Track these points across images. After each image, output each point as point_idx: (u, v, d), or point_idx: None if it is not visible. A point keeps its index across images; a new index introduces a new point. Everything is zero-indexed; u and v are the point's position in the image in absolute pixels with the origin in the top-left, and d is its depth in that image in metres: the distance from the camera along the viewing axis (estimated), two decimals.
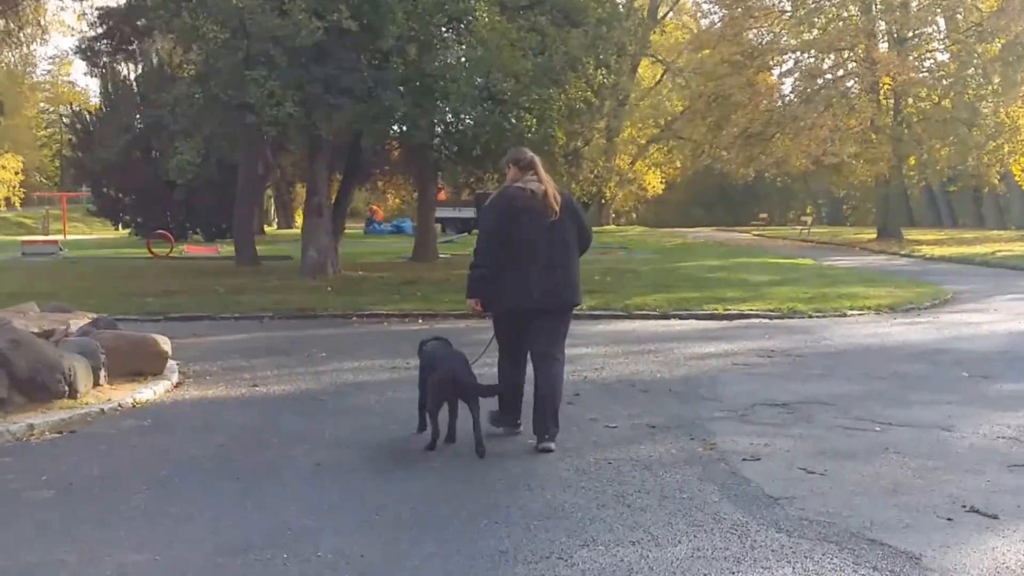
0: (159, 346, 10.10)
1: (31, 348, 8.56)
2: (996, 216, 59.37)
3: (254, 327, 15.22)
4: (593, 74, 19.91)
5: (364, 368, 10.95)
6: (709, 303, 16.84)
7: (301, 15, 16.28)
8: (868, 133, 38.28)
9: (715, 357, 11.55)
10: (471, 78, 16.83)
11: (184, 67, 20.54)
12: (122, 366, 9.83)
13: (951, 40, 39.91)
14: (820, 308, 16.31)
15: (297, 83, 17.11)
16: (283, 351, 12.37)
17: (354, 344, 13.00)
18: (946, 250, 32.97)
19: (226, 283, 20.42)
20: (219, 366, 11.18)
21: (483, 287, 7.45)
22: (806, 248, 38.34)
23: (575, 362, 11.00)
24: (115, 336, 10.14)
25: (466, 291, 7.63)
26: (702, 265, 26.19)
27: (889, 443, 7.22)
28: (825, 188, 78.69)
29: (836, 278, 21.53)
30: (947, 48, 40.17)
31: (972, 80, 39.84)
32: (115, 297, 18.12)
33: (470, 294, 7.56)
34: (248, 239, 26.48)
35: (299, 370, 10.90)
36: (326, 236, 20.80)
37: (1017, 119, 38.72)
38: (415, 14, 17.14)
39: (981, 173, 40.90)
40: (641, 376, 10.27)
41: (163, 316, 16.20)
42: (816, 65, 41.03)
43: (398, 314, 16.22)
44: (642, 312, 16.25)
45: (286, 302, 17.25)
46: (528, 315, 7.45)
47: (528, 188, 7.40)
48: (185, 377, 10.39)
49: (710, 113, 42.64)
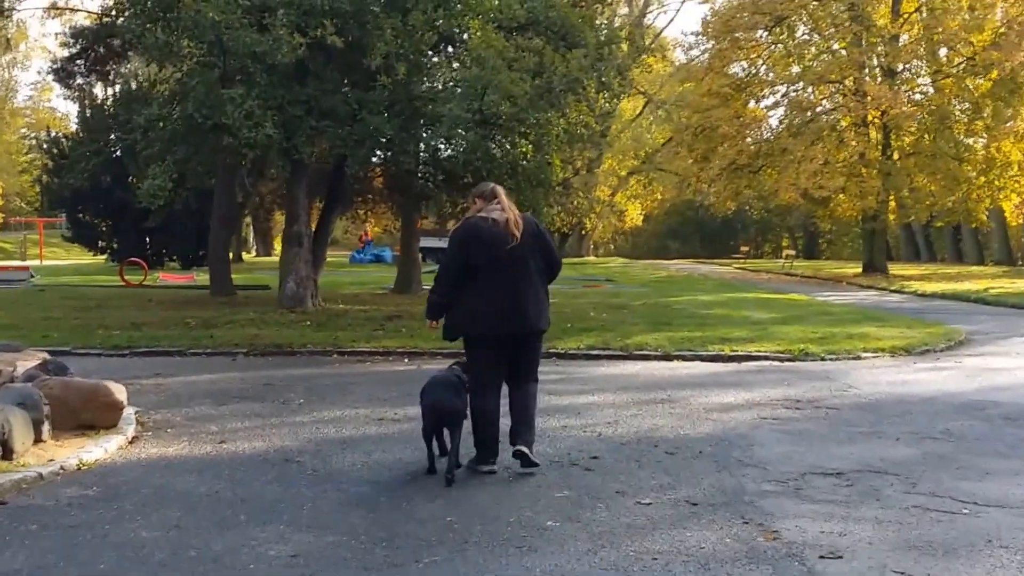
0: (113, 396, 8.68)
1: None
2: (975, 251, 58.52)
3: (226, 365, 13.84)
4: (595, 97, 18.64)
5: (347, 419, 9.57)
6: (713, 343, 15.57)
7: (282, 30, 14.95)
8: (857, 167, 37.12)
9: (738, 409, 10.22)
10: (464, 100, 15.46)
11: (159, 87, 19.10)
12: (70, 418, 8.45)
13: (943, 74, 38.84)
14: (832, 350, 15.05)
15: (277, 104, 15.77)
16: (256, 396, 10.98)
17: (335, 388, 11.61)
18: (936, 286, 31.82)
19: (198, 315, 19.00)
20: (183, 415, 9.79)
21: (440, 312, 7.67)
22: (792, 283, 37.13)
23: (584, 415, 9.79)
24: (63, 384, 8.71)
25: (425, 312, 7.94)
26: (696, 300, 24.91)
27: (989, 532, 5.87)
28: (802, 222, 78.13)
29: (840, 316, 20.27)
30: (938, 83, 39.06)
31: (963, 115, 38.89)
32: (79, 329, 16.79)
33: (428, 315, 7.89)
34: (223, 268, 25.01)
35: (273, 421, 9.51)
36: (305, 266, 19.38)
37: (1009, 154, 37.69)
38: (404, 31, 15.83)
39: (970, 208, 39.86)
40: (662, 433, 8.93)
41: (129, 351, 14.86)
42: (805, 97, 39.95)
43: (381, 352, 14.91)
44: (643, 352, 14.96)
45: (261, 337, 15.87)
46: (495, 342, 7.45)
47: (490, 217, 7.44)
48: (143, 430, 8.98)
49: (696, 145, 41.43)
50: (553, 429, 9.04)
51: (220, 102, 15.36)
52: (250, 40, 15.01)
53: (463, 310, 7.46)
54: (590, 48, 17.18)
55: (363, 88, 17.14)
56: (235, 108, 15.10)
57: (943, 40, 38.28)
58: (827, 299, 27.06)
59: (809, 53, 41.08)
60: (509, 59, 15.56)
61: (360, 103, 16.75)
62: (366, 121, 16.38)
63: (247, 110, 15.08)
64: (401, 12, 16.15)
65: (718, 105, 40.06)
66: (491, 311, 7.34)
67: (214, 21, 14.89)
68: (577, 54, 16.67)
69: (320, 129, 16.51)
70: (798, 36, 41.39)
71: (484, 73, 15.20)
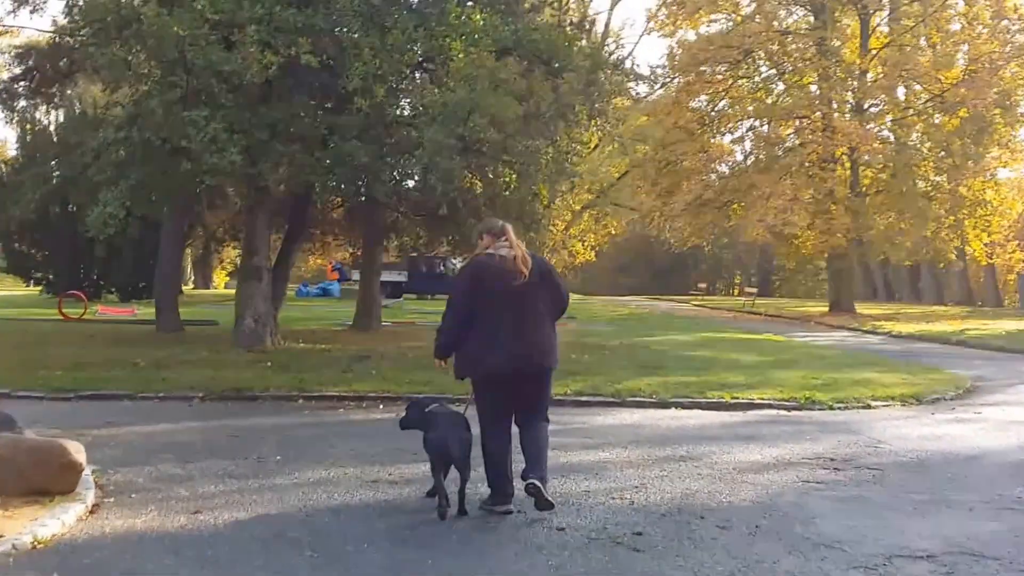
0: (70, 456, 7.53)
1: None
2: (934, 291, 58.47)
3: (183, 412, 12.74)
4: (587, 124, 17.73)
5: (336, 482, 8.49)
6: (711, 389, 14.72)
7: (252, 48, 13.87)
8: (826, 203, 36.58)
9: (771, 469, 9.29)
10: (447, 124, 14.43)
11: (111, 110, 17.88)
12: (19, 482, 7.32)
13: (912, 111, 38.53)
14: (839, 398, 14.25)
15: (243, 127, 14.67)
16: (225, 451, 9.87)
17: (312, 442, 10.53)
18: (908, 327, 31.23)
19: (147, 354, 17.74)
20: (146, 475, 8.66)
21: (449, 351, 7.61)
22: (758, 322, 36.37)
23: (603, 476, 8.86)
24: (12, 442, 7.54)
25: (434, 351, 7.78)
26: (673, 341, 24.03)
27: None
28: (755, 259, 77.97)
29: (833, 360, 19.46)
30: (907, 119, 38.74)
31: (932, 153, 38.62)
32: (16, 369, 15.49)
33: (435, 354, 7.78)
34: (171, 302, 23.71)
35: (251, 484, 8.39)
36: (264, 302, 18.20)
37: (979, 193, 37.39)
38: (383, 50, 14.81)
39: (938, 247, 39.51)
40: (701, 500, 7.97)
41: (73, 394, 13.73)
42: (774, 132, 39.46)
43: (353, 396, 13.90)
44: (637, 399, 14.09)
45: (219, 380, 14.73)
46: (503, 381, 7.40)
47: (497, 254, 7.49)
48: (103, 494, 7.84)
49: (660, 180, 40.74)
50: (576, 495, 8.06)
51: (180, 124, 14.23)
52: (216, 58, 13.91)
53: (472, 348, 7.40)
54: (581, 72, 16.29)
55: (335, 111, 16.12)
56: (198, 131, 13.97)
57: (912, 77, 37.94)
58: (805, 340, 26.35)
59: (777, 88, 40.67)
60: (498, 80, 14.59)
61: (331, 128, 15.72)
62: (338, 147, 15.34)
63: (211, 133, 13.95)
64: (379, 30, 15.17)
65: (684, 139, 39.49)
66: (500, 349, 7.29)
67: (179, 36, 13.77)
68: (569, 79, 15.79)
69: (288, 155, 15.44)
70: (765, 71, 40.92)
71: (472, 95, 14.21)
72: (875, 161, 37.70)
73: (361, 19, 15.72)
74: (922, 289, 60.34)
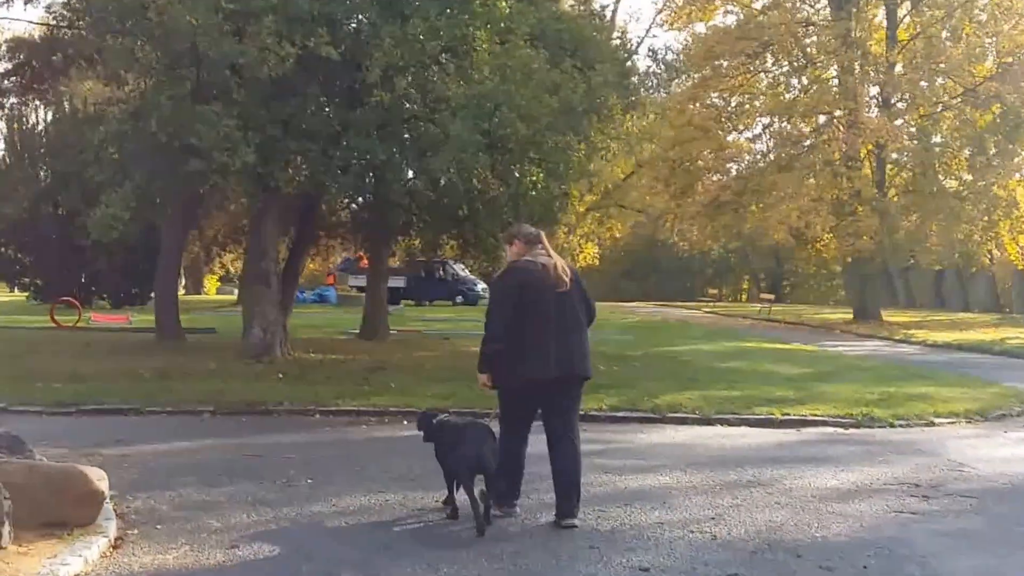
0: (92, 484, 6.99)
1: None
2: (958, 297, 57.75)
3: (195, 428, 12.24)
4: (621, 118, 17.13)
5: (379, 510, 8.01)
6: (757, 404, 14.16)
7: (269, 39, 13.29)
8: (852, 204, 35.87)
9: (855, 497, 8.76)
10: (471, 119, 13.85)
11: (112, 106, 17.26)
12: (35, 514, 6.76)
13: (943, 106, 37.84)
14: (899, 414, 13.70)
15: (256, 123, 14.11)
16: (250, 472, 9.34)
17: (340, 462, 10.01)
18: (943, 336, 30.68)
19: (150, 364, 17.20)
20: (169, 501, 8.14)
21: (496, 362, 7.60)
22: (780, 330, 35.77)
23: (671, 504, 8.40)
24: (26, 468, 6.98)
25: (479, 365, 7.74)
26: (699, 350, 23.50)
27: None
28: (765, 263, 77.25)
29: (880, 372, 18.87)
30: (938, 115, 38.04)
31: (963, 150, 37.95)
32: (14, 381, 14.89)
33: (483, 368, 7.70)
34: (172, 309, 23.11)
35: (286, 512, 7.85)
36: (274, 309, 17.61)
37: (1014, 192, 36.68)
38: (404, 41, 14.24)
39: (971, 251, 38.86)
40: (789, 534, 7.43)
41: (75, 408, 13.16)
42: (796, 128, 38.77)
43: (372, 411, 13.35)
44: (678, 415, 13.56)
45: (228, 392, 14.23)
46: (542, 388, 7.60)
47: (538, 261, 7.62)
48: (126, 525, 7.32)
49: (674, 180, 40.06)
50: (648, 527, 7.57)
51: (190, 120, 13.64)
52: (230, 49, 13.33)
53: (515, 355, 7.50)
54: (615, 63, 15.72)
55: (348, 106, 15.55)
56: (210, 128, 13.39)
57: (943, 71, 37.21)
58: (838, 350, 25.79)
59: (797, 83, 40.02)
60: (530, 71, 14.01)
61: (345, 124, 15.15)
62: (353, 144, 14.77)
63: (224, 130, 13.37)
64: (400, 19, 14.60)
65: (698, 137, 38.87)
66: (545, 356, 7.46)
67: (191, 25, 13.19)
68: (603, 69, 15.23)
69: (300, 153, 14.88)
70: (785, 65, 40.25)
71: (504, 87, 13.63)
72: (904, 159, 36.94)
73: (379, 7, 15.17)
74: (944, 295, 59.67)
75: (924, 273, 57.56)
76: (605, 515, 7.88)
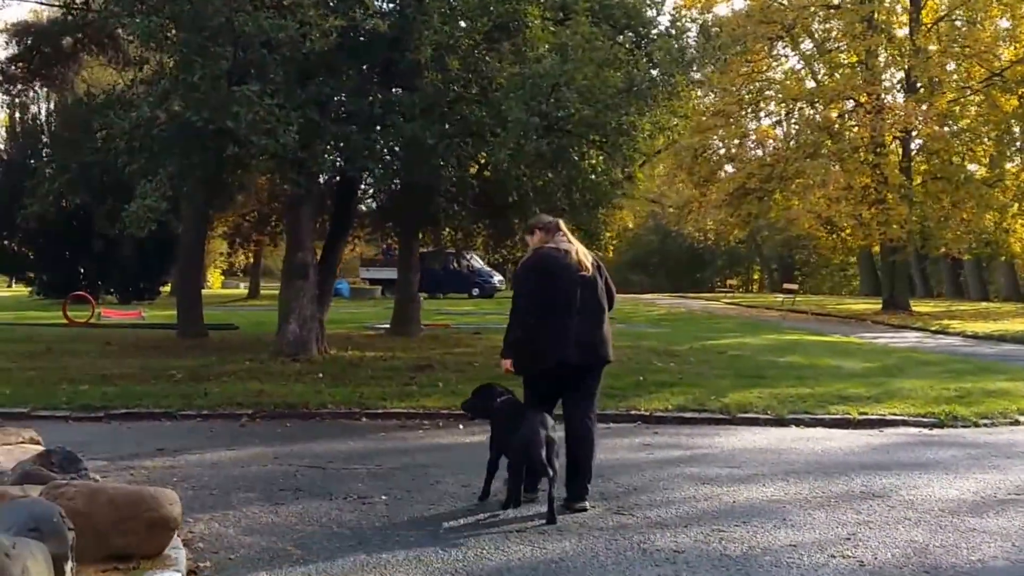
0: (162, 509, 6.10)
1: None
2: (978, 286, 56.86)
3: (236, 433, 11.36)
4: (685, 95, 16.25)
5: (475, 531, 7.14)
6: (830, 403, 13.41)
7: (312, 12, 12.40)
8: (881, 191, 35.01)
9: (989, 511, 7.89)
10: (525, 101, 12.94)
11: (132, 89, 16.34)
12: (98, 544, 5.90)
13: (971, 90, 36.95)
14: (981, 412, 12.95)
15: (296, 105, 13.23)
16: (315, 487, 8.49)
17: (410, 473, 9.16)
18: (979, 326, 29.97)
19: (179, 364, 16.40)
20: (235, 523, 7.30)
21: (522, 348, 7.76)
22: (811, 321, 34.96)
23: (792, 523, 7.53)
24: (89, 493, 6.05)
25: (503, 350, 7.92)
26: (745, 344, 22.66)
27: None
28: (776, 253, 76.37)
29: (947, 367, 18.09)
30: (965, 99, 37.17)
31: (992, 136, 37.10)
32: (35, 383, 14.17)
33: (507, 353, 7.86)
34: (195, 305, 22.22)
35: (374, 538, 6.97)
36: (311, 304, 16.73)
37: None
38: (451, 18, 13.34)
39: (999, 239, 38.02)
40: (942, 558, 6.56)
41: (104, 412, 12.30)
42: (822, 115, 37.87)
43: (423, 414, 12.51)
44: (748, 415, 12.80)
45: (267, 394, 13.40)
46: (565, 372, 7.76)
47: (561, 248, 7.81)
48: (194, 555, 6.45)
49: (697, 168, 39.19)
50: (780, 549, 6.75)
51: (226, 102, 12.74)
52: (269, 24, 12.42)
53: (541, 341, 7.67)
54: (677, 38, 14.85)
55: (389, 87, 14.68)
56: (248, 110, 12.49)
57: (970, 55, 36.32)
58: (882, 342, 24.98)
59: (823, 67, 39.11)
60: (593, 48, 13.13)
61: (387, 106, 14.26)
62: (399, 127, 13.88)
63: (266, 110, 12.48)
64: None
65: (722, 124, 38.06)
66: (571, 342, 7.64)
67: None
68: (665, 44, 14.36)
69: (341, 136, 13.99)
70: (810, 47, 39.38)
71: (566, 66, 12.74)
72: (932, 145, 36.04)
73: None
74: (963, 284, 58.83)
75: (941, 262, 56.73)
76: (728, 536, 7.05)
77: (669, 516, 7.62)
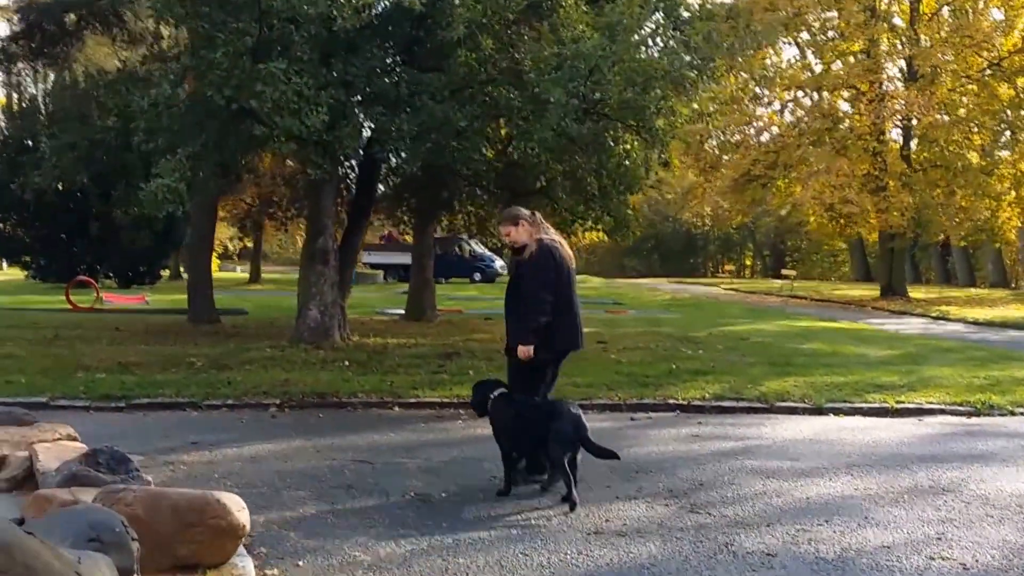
0: (230, 515, 5.59)
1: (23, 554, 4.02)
2: (965, 272, 56.53)
3: (268, 425, 10.84)
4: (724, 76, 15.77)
5: (554, 534, 6.68)
6: (866, 391, 13.07)
7: None
8: (883, 179, 34.66)
9: None
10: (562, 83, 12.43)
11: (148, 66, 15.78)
12: (161, 553, 5.39)
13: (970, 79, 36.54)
14: (1016, 401, 12.68)
15: (322, 84, 12.69)
16: (366, 484, 8.01)
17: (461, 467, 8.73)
18: (977, 312, 29.70)
19: (197, 351, 15.89)
20: (293, 525, 6.83)
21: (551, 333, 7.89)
22: (813, 307, 34.52)
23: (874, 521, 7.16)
24: (149, 498, 5.53)
25: (525, 337, 7.88)
26: (761, 330, 22.26)
27: None
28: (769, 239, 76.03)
29: (968, 354, 17.73)
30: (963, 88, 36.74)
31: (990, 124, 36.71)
32: (50, 371, 13.53)
33: (530, 340, 7.85)
34: (206, 290, 21.66)
35: (443, 541, 6.48)
36: (332, 290, 16.19)
37: None
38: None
39: (995, 227, 37.70)
40: None
41: (124, 402, 11.68)
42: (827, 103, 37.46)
43: (458, 403, 11.82)
44: (786, 404, 12.41)
45: (294, 382, 12.87)
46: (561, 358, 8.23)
47: (556, 240, 8.11)
48: (259, 562, 5.96)
49: (703, 155, 38.72)
50: (874, 551, 6.40)
51: (250, 80, 12.19)
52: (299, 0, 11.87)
53: (563, 327, 7.98)
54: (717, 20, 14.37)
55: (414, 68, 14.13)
56: (274, 88, 11.95)
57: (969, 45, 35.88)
58: (891, 328, 24.58)
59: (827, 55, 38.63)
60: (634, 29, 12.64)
61: (414, 86, 13.73)
62: (427, 108, 13.35)
63: (294, 89, 11.92)
64: None
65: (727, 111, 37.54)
66: (574, 328, 8.08)
67: None
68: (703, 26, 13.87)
69: (370, 117, 13.46)
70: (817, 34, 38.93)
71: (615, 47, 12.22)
72: (932, 133, 35.68)
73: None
74: (951, 270, 58.57)
75: (931, 248, 56.48)
76: (815, 536, 6.64)
77: (747, 514, 7.20)
